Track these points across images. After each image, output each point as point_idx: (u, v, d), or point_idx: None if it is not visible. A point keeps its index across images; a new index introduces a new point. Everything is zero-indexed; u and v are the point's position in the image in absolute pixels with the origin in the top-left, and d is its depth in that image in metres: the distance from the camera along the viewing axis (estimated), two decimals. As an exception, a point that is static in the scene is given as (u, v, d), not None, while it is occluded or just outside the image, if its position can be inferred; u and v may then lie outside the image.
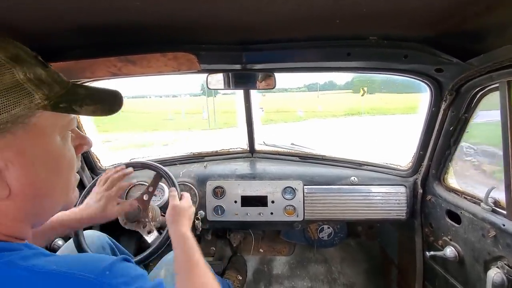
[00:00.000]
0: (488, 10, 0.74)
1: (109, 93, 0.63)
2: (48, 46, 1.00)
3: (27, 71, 0.49)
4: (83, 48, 1.05)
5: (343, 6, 0.77)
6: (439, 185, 1.44)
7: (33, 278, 0.44)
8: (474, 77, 1.06)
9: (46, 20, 0.78)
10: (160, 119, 17.49)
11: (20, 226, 0.53)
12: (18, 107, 0.47)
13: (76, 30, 0.88)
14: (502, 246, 1.03)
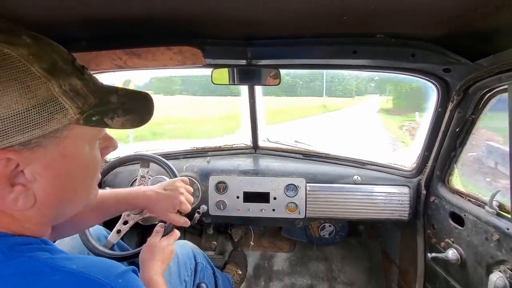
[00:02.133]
0: (498, 11, 0.72)
1: (140, 99, 0.61)
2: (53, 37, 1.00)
3: (62, 83, 0.48)
4: (89, 40, 1.06)
5: (351, 3, 0.76)
6: (443, 186, 1.42)
7: (55, 275, 0.45)
8: (483, 78, 1.04)
9: (51, 10, 0.78)
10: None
11: (42, 229, 0.55)
12: (52, 122, 0.46)
13: (82, 21, 0.89)
14: (505, 250, 1.01)
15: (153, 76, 6.59)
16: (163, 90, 13.77)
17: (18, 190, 0.47)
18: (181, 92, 14.30)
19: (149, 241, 1.04)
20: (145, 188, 1.04)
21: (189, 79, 9.61)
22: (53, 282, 0.45)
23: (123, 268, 0.53)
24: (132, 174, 1.71)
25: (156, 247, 1.01)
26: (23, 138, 0.44)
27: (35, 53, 0.46)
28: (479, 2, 0.70)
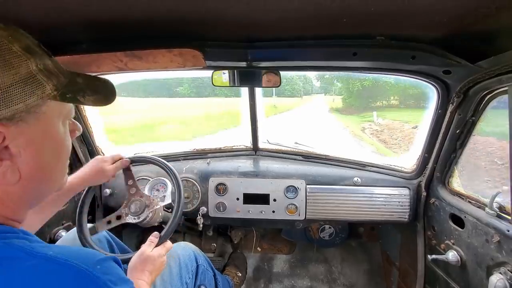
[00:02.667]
0: (498, 12, 0.73)
1: (101, 82, 0.67)
2: (54, 39, 1.01)
3: (38, 62, 0.52)
4: (90, 42, 1.06)
5: (351, 5, 0.76)
6: (443, 188, 1.42)
7: (30, 260, 0.47)
8: (483, 79, 1.04)
9: (53, 13, 0.79)
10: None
11: (21, 209, 0.57)
12: (33, 98, 0.50)
13: (83, 24, 0.89)
14: (506, 252, 1.01)
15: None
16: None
17: (6, 164, 0.50)
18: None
19: (141, 250, 1.05)
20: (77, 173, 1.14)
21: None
22: (28, 267, 0.46)
23: (103, 256, 0.54)
24: (133, 175, 1.70)
25: (147, 256, 1.02)
26: (9, 112, 0.48)
27: (12, 34, 0.50)
28: (479, 4, 0.70)
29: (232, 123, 12.87)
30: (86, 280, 0.48)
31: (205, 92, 26.54)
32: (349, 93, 19.39)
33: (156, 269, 1.02)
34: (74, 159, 1.60)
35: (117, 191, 1.69)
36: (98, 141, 1.70)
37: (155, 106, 17.96)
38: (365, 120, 16.64)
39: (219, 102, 22.02)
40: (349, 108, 19.60)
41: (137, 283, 0.92)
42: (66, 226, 1.53)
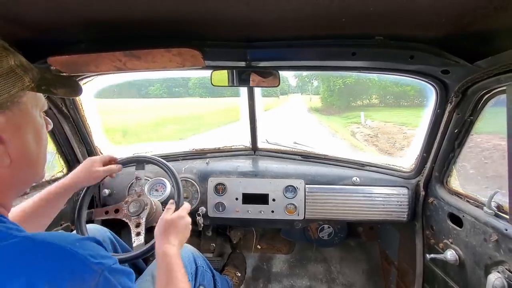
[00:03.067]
0: (497, 12, 0.73)
1: (67, 77, 0.76)
2: (53, 39, 1.01)
3: (15, 58, 0.58)
4: (88, 42, 1.06)
5: (350, 5, 0.76)
6: (441, 187, 1.43)
7: (12, 238, 0.51)
8: (481, 79, 1.05)
9: (52, 13, 0.78)
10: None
11: (10, 194, 0.63)
12: (15, 89, 0.57)
13: (82, 24, 0.88)
14: (503, 251, 1.02)
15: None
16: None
17: (1, 149, 0.56)
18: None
19: (161, 217, 1.07)
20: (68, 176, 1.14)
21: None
22: (10, 245, 0.50)
23: (83, 236, 0.60)
24: (131, 175, 1.70)
25: (167, 221, 1.04)
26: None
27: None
28: (477, 4, 0.71)
29: (195, 130, 12.29)
30: (64, 255, 0.52)
31: (178, 93, 26.27)
32: (329, 92, 18.63)
33: (181, 230, 1.04)
34: (72, 159, 1.60)
35: (116, 192, 1.69)
36: (97, 141, 1.70)
37: (124, 107, 17.62)
38: (351, 122, 15.68)
39: (192, 103, 21.92)
40: (329, 108, 18.68)
41: (163, 248, 0.94)
42: (65, 226, 1.52)
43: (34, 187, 1.41)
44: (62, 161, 1.59)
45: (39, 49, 1.02)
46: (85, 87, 1.47)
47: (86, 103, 1.55)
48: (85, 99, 1.53)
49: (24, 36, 0.92)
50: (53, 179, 1.53)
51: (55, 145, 1.54)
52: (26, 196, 1.34)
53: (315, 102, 21.81)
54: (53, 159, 1.58)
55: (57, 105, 1.39)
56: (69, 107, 1.45)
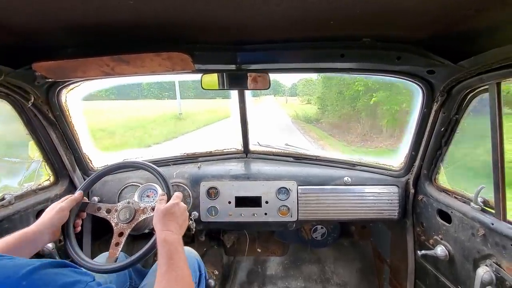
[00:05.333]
0: (479, 13, 0.76)
1: None
2: (39, 44, 0.98)
3: None
4: (75, 47, 1.04)
5: (337, 8, 0.78)
6: (430, 185, 1.46)
7: None
8: (465, 78, 1.08)
9: (36, 17, 0.77)
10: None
11: None
12: None
13: (68, 29, 0.87)
14: (491, 245, 1.05)
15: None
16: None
17: None
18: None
19: (157, 208, 1.07)
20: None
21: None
22: None
23: (35, 265, 0.48)
24: (122, 182, 1.67)
25: (164, 210, 1.04)
26: None
27: None
28: (459, 6, 0.73)
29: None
30: None
31: (131, 94, 23.94)
32: (339, 95, 10.90)
33: (179, 216, 1.05)
34: (60, 167, 1.55)
35: (106, 199, 1.65)
36: (85, 148, 1.66)
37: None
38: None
39: (145, 105, 20.66)
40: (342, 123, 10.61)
41: (164, 235, 0.95)
42: (53, 236, 1.47)
43: (20, 196, 1.37)
44: (49, 169, 1.55)
45: (23, 55, 1.00)
46: (72, 92, 1.44)
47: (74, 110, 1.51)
48: (72, 105, 1.49)
49: (8, 41, 0.89)
50: (40, 188, 1.49)
51: (41, 153, 1.49)
52: (10, 207, 1.30)
53: (297, 106, 20.15)
54: (40, 168, 1.54)
55: (42, 111, 1.36)
56: (55, 113, 1.41)
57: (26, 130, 1.41)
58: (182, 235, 1.02)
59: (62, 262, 0.52)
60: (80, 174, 1.66)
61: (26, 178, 1.53)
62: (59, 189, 1.56)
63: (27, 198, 1.39)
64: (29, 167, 1.56)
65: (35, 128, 1.40)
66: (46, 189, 1.51)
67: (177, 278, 0.82)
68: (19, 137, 1.47)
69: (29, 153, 1.54)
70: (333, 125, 12.10)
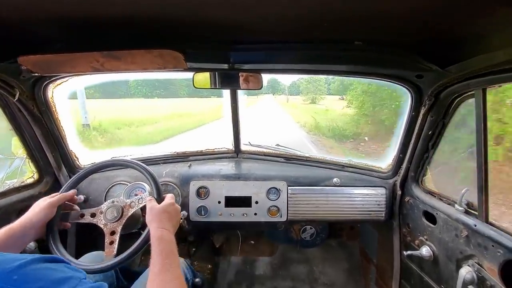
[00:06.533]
0: (465, 21, 0.78)
1: None
2: (26, 37, 0.95)
3: None
4: (64, 42, 1.01)
5: (330, 10, 0.79)
6: (417, 187, 1.50)
7: None
8: (452, 84, 1.11)
9: (26, 10, 0.74)
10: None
11: None
12: None
13: (57, 22, 0.84)
14: (473, 246, 1.08)
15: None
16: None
17: None
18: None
19: (149, 206, 1.07)
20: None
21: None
22: None
23: (26, 259, 0.46)
24: (109, 180, 1.64)
25: (159, 209, 1.05)
26: None
27: None
28: (448, 12, 0.75)
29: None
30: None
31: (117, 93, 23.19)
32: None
33: (173, 216, 1.06)
34: (44, 165, 1.51)
35: (92, 197, 1.61)
36: (72, 145, 1.62)
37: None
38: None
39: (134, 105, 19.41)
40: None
41: (159, 232, 0.95)
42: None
43: (1, 194, 1.32)
44: (33, 167, 1.50)
45: (8, 48, 0.96)
46: (59, 88, 1.40)
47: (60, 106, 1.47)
48: (59, 101, 1.45)
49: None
50: (23, 186, 1.44)
51: (25, 150, 1.45)
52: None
53: (301, 107, 17.35)
54: (23, 165, 1.49)
55: (27, 106, 1.31)
56: (41, 109, 1.37)
57: (10, 125, 1.36)
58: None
59: (54, 257, 0.51)
60: (65, 171, 1.61)
61: (9, 175, 1.49)
62: (43, 187, 1.51)
63: (9, 196, 1.34)
64: (12, 163, 1.51)
65: (19, 123, 1.36)
66: (30, 187, 1.47)
67: (171, 279, 0.81)
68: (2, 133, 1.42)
69: (13, 149, 1.49)
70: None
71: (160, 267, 0.83)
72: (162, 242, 0.91)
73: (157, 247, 0.90)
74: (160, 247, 0.89)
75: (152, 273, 0.82)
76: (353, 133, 8.39)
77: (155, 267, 0.83)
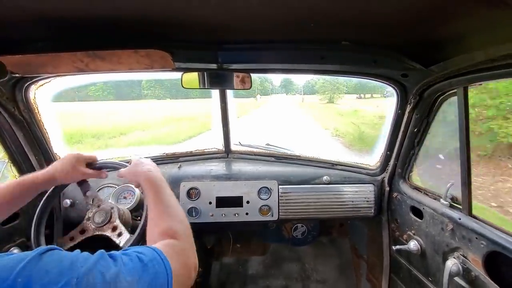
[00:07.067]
0: (447, 22, 0.80)
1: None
2: (5, 37, 0.92)
3: None
4: (46, 41, 0.98)
5: (318, 11, 0.79)
6: (404, 183, 1.53)
7: None
8: (435, 82, 1.15)
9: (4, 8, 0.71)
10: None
11: None
12: None
13: (38, 21, 0.81)
14: (458, 238, 1.12)
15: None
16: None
17: None
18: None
19: (123, 169, 1.08)
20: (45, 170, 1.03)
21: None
22: None
23: (28, 257, 0.45)
24: (97, 183, 1.59)
25: (132, 165, 1.05)
26: None
27: None
28: (431, 14, 0.77)
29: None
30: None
31: (129, 94, 22.60)
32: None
33: (150, 163, 1.06)
34: (27, 169, 1.46)
35: (79, 201, 1.57)
36: (56, 148, 1.57)
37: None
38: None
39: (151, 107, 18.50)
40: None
41: (145, 175, 0.94)
42: (19, 242, 1.38)
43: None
44: (15, 171, 1.44)
45: (-14, 48, 0.92)
46: (41, 89, 1.36)
47: (43, 106, 1.42)
48: (41, 102, 1.41)
49: (-32, 33, 0.83)
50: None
51: (6, 153, 1.39)
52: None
53: (318, 106, 14.19)
54: (4, 169, 1.44)
55: (8, 108, 1.27)
56: (22, 111, 1.32)
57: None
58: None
59: (49, 247, 0.49)
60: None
61: (-10, 180, 1.43)
62: (27, 191, 1.46)
63: None
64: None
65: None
66: (12, 192, 1.41)
67: (167, 209, 0.83)
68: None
69: (-7, 153, 1.43)
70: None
71: (154, 203, 0.84)
72: (149, 181, 0.92)
73: (147, 190, 0.89)
74: (148, 185, 0.90)
75: (149, 210, 0.83)
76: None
77: (150, 205, 0.84)
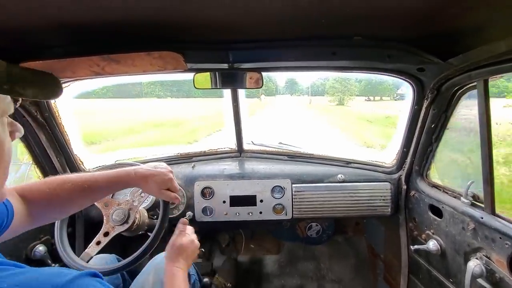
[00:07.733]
0: (465, 12, 0.77)
1: (42, 74, 0.63)
2: (26, 43, 0.96)
3: None
4: (64, 47, 1.02)
5: (329, 7, 0.78)
6: (422, 180, 1.49)
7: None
8: (454, 76, 1.10)
9: (25, 16, 0.75)
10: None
11: None
12: None
13: (56, 27, 0.85)
14: (480, 238, 1.07)
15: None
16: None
17: None
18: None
19: (172, 240, 1.09)
20: (135, 166, 1.06)
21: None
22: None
23: (72, 275, 0.47)
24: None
25: (181, 246, 1.07)
26: None
27: None
28: (447, 4, 0.74)
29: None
30: None
31: (130, 92, 22.59)
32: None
33: (190, 255, 1.08)
34: (50, 170, 1.53)
35: (98, 200, 1.63)
36: (76, 150, 1.63)
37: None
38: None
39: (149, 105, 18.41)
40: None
41: (173, 270, 0.99)
42: (44, 240, 1.45)
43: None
44: (39, 172, 1.52)
45: (10, 55, 0.97)
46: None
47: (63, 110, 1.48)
48: (61, 105, 1.47)
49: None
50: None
51: (30, 155, 1.46)
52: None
53: (328, 108, 13.53)
54: (29, 170, 1.51)
55: (31, 112, 1.33)
56: (44, 114, 1.38)
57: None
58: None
59: (94, 272, 0.52)
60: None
61: (16, 181, 1.50)
62: (50, 191, 1.53)
63: None
64: (19, 170, 1.53)
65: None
66: (37, 192, 1.48)
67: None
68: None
69: (18, 155, 1.51)
70: None
71: None
72: (174, 279, 0.97)
73: (168, 283, 0.96)
74: (172, 283, 0.95)
75: None
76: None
77: None
